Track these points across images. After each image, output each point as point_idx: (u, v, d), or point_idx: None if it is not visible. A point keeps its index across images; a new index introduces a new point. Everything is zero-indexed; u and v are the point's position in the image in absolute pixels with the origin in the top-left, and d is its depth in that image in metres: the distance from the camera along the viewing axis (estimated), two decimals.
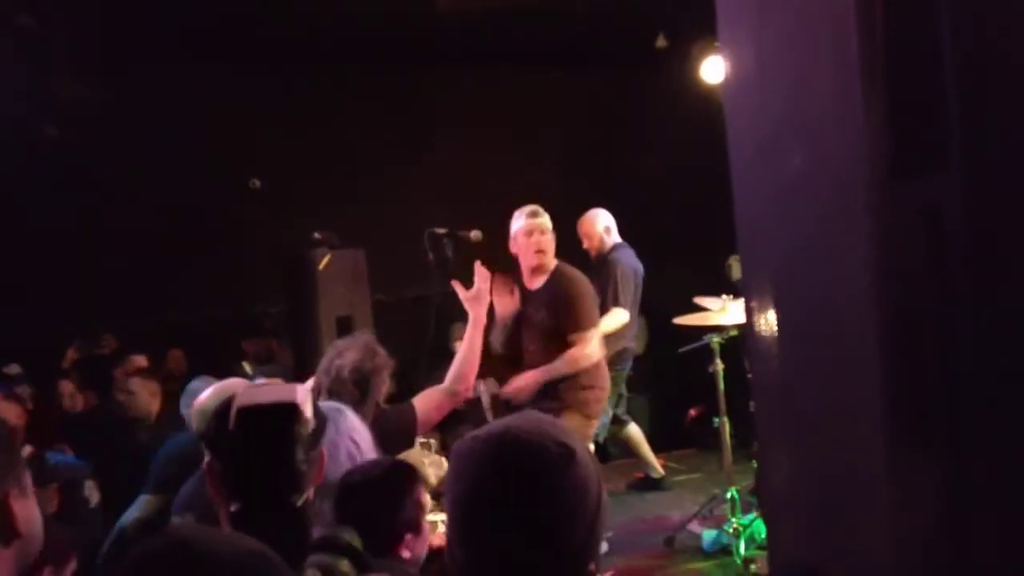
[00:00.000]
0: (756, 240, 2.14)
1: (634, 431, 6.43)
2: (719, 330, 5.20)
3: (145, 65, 6.97)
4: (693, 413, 7.63)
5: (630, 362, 6.19)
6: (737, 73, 2.20)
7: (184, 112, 7.02)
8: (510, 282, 4.75)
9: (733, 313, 5.04)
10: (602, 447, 6.20)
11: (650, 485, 6.60)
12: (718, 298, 5.23)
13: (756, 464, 5.21)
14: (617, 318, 5.67)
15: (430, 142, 7.66)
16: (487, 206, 5.03)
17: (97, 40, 6.67)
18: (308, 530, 1.77)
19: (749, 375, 5.21)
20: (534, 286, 4.80)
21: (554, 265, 4.78)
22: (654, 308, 4.75)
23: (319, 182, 7.31)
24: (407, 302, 7.41)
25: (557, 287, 4.72)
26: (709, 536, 5.19)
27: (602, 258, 6.01)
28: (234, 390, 1.89)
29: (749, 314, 2.17)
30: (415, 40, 7.42)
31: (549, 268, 4.77)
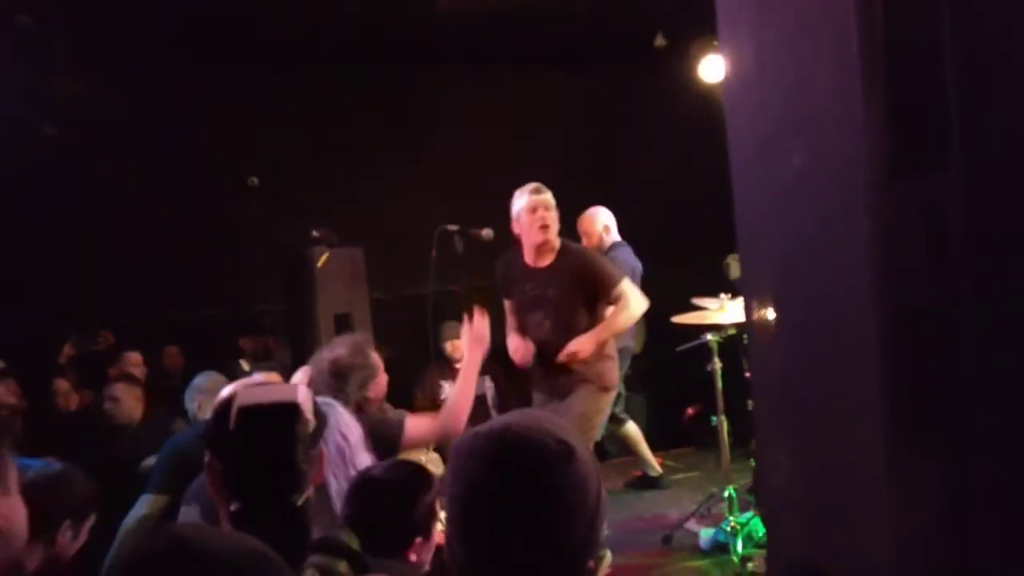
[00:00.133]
0: (756, 240, 2.14)
1: (632, 429, 6.43)
2: (717, 329, 5.19)
3: (145, 64, 6.96)
4: (691, 412, 7.63)
5: (628, 360, 6.19)
6: (737, 72, 2.20)
7: (183, 110, 7.00)
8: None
9: (731, 312, 5.03)
10: (600, 445, 6.18)
11: (648, 483, 6.60)
12: (716, 298, 5.22)
13: (754, 463, 5.22)
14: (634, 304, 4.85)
15: (429, 141, 7.65)
16: (486, 205, 5.01)
17: (97, 39, 6.66)
18: (308, 530, 1.77)
19: (747, 374, 5.23)
20: (540, 264, 4.64)
21: (559, 243, 4.65)
22: (652, 306, 4.72)
23: (318, 181, 7.30)
24: (405, 301, 7.43)
25: (570, 263, 4.60)
26: (707, 534, 5.18)
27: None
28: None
29: (749, 314, 2.18)
30: (415, 40, 7.42)
31: (555, 246, 4.63)
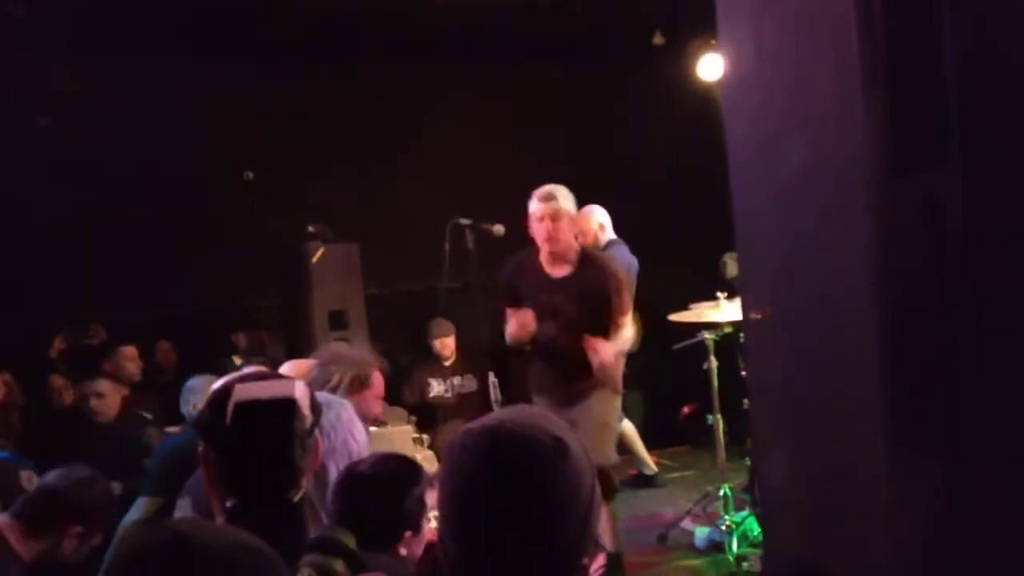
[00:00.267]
0: (755, 239, 2.14)
1: (628, 428, 6.42)
2: (713, 327, 5.19)
3: (144, 61, 6.94)
4: (687, 410, 7.61)
5: (624, 359, 6.17)
6: (736, 71, 2.20)
7: (182, 107, 6.98)
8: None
9: (727, 310, 5.03)
10: None
11: (643, 482, 6.60)
12: (713, 299, 5.21)
13: (749, 462, 5.22)
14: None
15: (426, 138, 7.63)
16: (485, 204, 4.99)
17: (96, 36, 6.64)
18: (305, 526, 1.76)
19: (743, 372, 5.22)
20: (557, 273, 4.37)
21: (577, 254, 4.37)
22: (650, 305, 4.72)
23: (314, 177, 7.29)
24: (400, 296, 7.42)
25: (588, 279, 4.34)
26: (702, 533, 5.19)
27: None
28: None
29: (746, 313, 2.17)
30: (413, 38, 7.41)
31: (569, 257, 4.35)
